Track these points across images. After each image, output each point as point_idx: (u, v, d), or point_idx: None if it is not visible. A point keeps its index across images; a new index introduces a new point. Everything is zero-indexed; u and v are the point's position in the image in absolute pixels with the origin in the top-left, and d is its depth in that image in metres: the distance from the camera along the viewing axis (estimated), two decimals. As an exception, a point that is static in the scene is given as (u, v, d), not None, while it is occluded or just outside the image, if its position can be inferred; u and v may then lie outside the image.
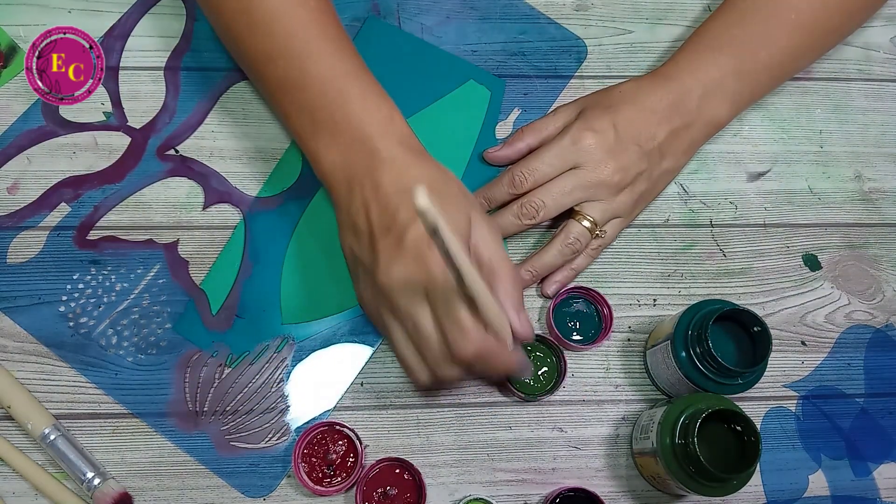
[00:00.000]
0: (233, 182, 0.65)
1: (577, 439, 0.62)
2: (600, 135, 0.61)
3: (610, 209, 0.62)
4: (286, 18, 0.57)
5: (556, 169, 0.62)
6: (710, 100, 0.63)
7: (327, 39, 0.58)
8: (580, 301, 0.64)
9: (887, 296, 0.67)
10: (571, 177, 0.61)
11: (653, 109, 0.62)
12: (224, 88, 0.67)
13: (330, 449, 0.59)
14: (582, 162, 0.61)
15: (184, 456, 0.59)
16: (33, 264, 0.62)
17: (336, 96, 0.56)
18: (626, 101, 0.63)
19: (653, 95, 0.63)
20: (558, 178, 0.62)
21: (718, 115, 0.64)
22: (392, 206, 0.53)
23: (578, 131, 0.62)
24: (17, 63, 0.66)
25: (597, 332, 0.64)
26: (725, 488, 0.56)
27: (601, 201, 0.62)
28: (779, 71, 0.66)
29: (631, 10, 0.73)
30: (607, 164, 0.61)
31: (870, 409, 0.65)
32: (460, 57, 0.70)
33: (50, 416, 0.58)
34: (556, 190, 0.61)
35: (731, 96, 0.64)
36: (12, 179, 0.63)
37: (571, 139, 0.62)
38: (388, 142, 0.55)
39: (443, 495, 0.60)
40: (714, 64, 0.63)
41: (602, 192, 0.62)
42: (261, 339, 0.61)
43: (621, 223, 0.64)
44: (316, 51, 0.57)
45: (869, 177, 0.71)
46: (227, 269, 0.63)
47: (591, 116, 0.62)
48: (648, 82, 0.64)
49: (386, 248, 0.53)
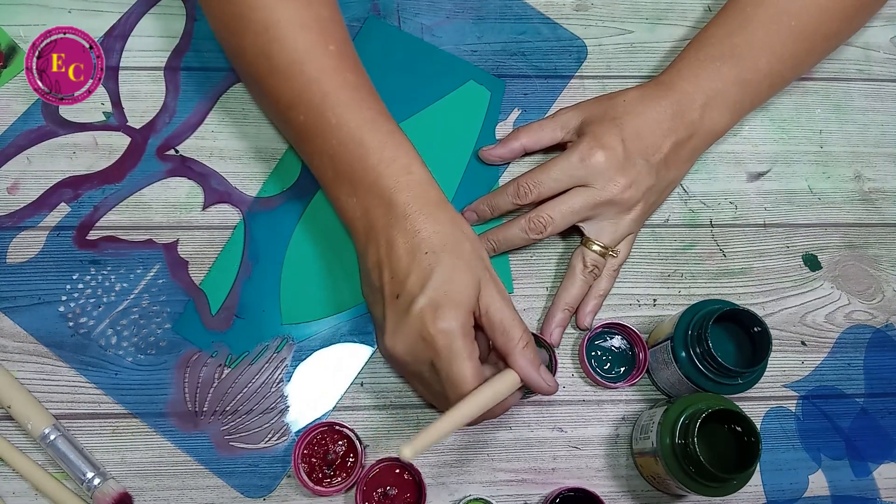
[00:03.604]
0: (233, 182, 0.65)
1: (577, 439, 0.62)
2: (609, 151, 0.61)
3: (619, 231, 0.62)
4: (305, 65, 0.56)
5: (562, 184, 0.61)
6: (712, 109, 0.63)
7: (347, 87, 0.57)
8: (616, 336, 0.64)
9: (887, 296, 0.67)
10: (581, 195, 0.61)
11: (658, 121, 0.62)
12: (224, 88, 0.67)
13: (330, 449, 0.59)
14: (591, 180, 0.61)
15: (183, 456, 0.59)
16: (33, 264, 0.62)
17: (355, 147, 0.56)
18: (631, 112, 0.62)
19: (657, 106, 0.62)
20: (568, 194, 0.62)
21: (719, 124, 0.64)
22: (402, 271, 0.54)
23: (588, 148, 0.61)
24: (17, 63, 0.66)
25: (629, 369, 0.63)
26: (725, 488, 0.56)
27: (610, 222, 0.62)
28: (779, 79, 0.66)
29: (631, 10, 0.73)
30: (617, 181, 0.61)
31: (870, 409, 0.65)
32: (460, 57, 0.70)
33: (50, 416, 0.58)
34: (566, 207, 0.61)
35: (731, 105, 0.64)
36: (12, 179, 0.63)
37: (580, 156, 0.61)
38: (404, 195, 0.55)
39: (443, 495, 0.60)
40: (716, 73, 0.63)
41: (611, 211, 0.62)
42: (260, 340, 0.61)
43: (632, 238, 0.64)
44: (335, 100, 0.56)
45: (869, 177, 0.71)
46: (226, 269, 0.63)
47: (600, 132, 0.62)
48: (652, 91, 0.63)
49: (393, 315, 0.54)
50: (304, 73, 0.56)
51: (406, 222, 0.54)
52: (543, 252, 0.66)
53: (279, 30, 0.56)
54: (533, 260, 0.65)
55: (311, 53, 0.57)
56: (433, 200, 0.56)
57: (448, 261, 0.53)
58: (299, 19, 0.57)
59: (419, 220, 0.54)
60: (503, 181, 0.67)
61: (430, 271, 0.53)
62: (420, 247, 0.54)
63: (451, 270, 0.53)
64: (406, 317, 0.53)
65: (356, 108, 0.57)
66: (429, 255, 0.53)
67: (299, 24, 0.57)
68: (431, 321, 0.52)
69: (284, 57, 0.57)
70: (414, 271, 0.53)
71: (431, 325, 0.52)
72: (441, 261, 0.53)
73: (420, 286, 0.53)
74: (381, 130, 0.57)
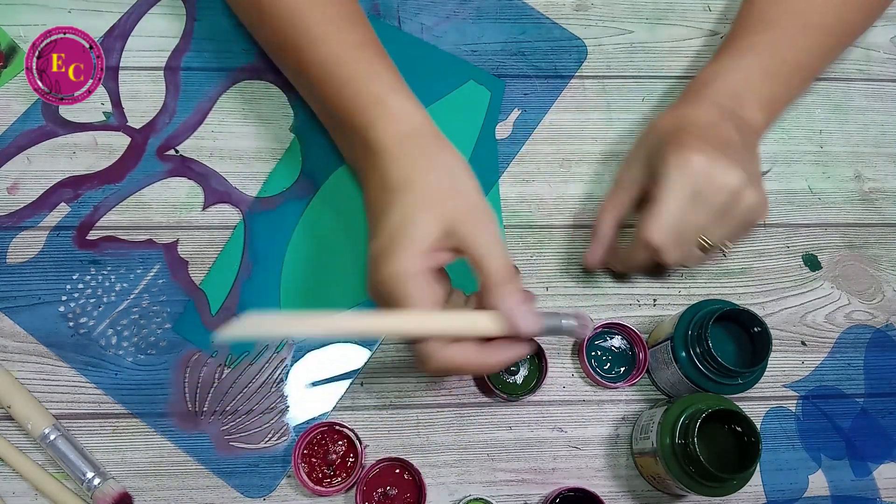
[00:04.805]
0: (233, 182, 0.65)
1: (577, 439, 0.62)
2: (701, 153, 0.55)
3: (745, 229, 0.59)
4: (289, 6, 0.57)
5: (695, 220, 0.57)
6: (745, 107, 0.60)
7: (328, 22, 0.57)
8: (616, 336, 0.64)
9: (887, 296, 0.67)
10: (738, 229, 0.58)
11: (708, 117, 0.59)
12: (224, 88, 0.67)
13: (330, 449, 0.59)
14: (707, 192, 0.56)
15: (183, 456, 0.59)
16: (33, 264, 0.62)
17: (335, 82, 0.55)
18: (680, 123, 0.59)
19: (698, 110, 0.59)
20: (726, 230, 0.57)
21: (756, 120, 0.61)
22: (372, 212, 0.53)
23: (682, 174, 0.55)
24: (17, 63, 0.66)
25: (629, 369, 0.63)
26: (725, 488, 0.56)
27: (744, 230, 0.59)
28: (809, 72, 0.65)
29: (631, 10, 0.73)
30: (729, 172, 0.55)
31: (870, 409, 0.65)
32: (460, 57, 0.70)
33: (50, 416, 0.58)
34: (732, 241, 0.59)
35: (764, 101, 0.61)
36: (12, 179, 0.63)
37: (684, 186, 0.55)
38: (378, 131, 0.53)
39: (443, 495, 0.60)
40: (741, 72, 0.61)
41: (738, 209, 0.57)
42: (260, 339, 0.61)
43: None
44: (316, 35, 0.56)
45: (869, 177, 0.71)
46: (226, 269, 0.63)
47: (676, 152, 0.56)
48: (684, 103, 0.61)
49: (371, 254, 0.52)
50: (288, 14, 0.57)
51: (377, 158, 0.53)
52: (543, 252, 0.66)
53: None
54: (533, 260, 0.65)
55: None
56: (405, 132, 0.53)
57: (408, 198, 0.50)
58: None
59: (387, 157, 0.52)
60: (503, 181, 0.67)
61: (386, 211, 0.51)
62: (385, 186, 0.52)
63: (410, 207, 0.50)
64: (368, 262, 0.51)
65: (335, 42, 0.56)
66: (389, 194, 0.51)
67: None
68: (380, 266, 0.49)
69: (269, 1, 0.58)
70: (376, 212, 0.52)
71: (379, 271, 0.49)
72: (399, 199, 0.50)
73: (375, 228, 0.51)
74: (361, 61, 0.55)
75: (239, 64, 0.68)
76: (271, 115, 0.67)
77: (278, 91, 0.67)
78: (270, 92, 0.67)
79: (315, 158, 0.66)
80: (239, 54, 0.68)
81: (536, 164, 0.68)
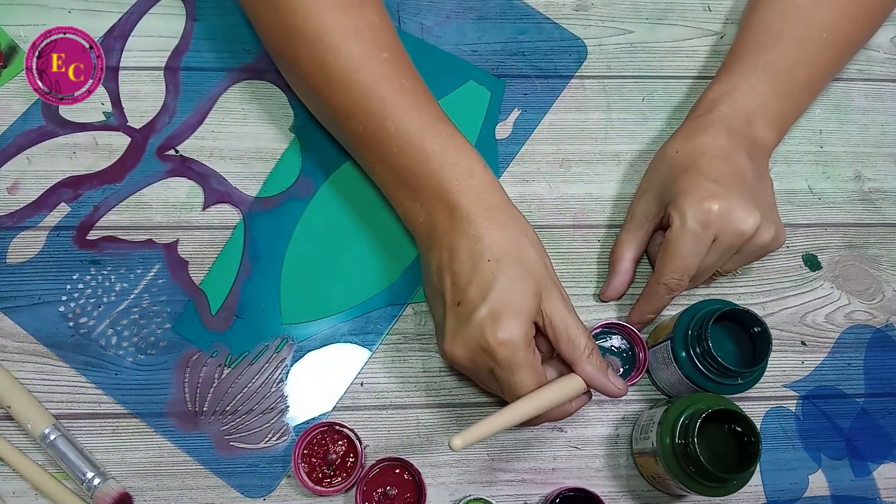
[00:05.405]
0: (233, 182, 0.65)
1: (577, 439, 0.62)
2: (716, 198, 0.57)
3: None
4: (361, 73, 0.56)
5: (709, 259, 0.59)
6: (755, 126, 0.61)
7: (404, 93, 0.57)
8: (615, 336, 0.64)
9: (887, 296, 0.67)
10: (753, 258, 0.61)
11: (718, 146, 0.59)
12: (224, 88, 0.67)
13: (330, 449, 0.59)
14: (726, 233, 0.58)
15: (183, 456, 0.59)
16: (33, 264, 0.62)
17: (415, 153, 0.56)
18: (691, 154, 0.59)
19: (706, 137, 0.60)
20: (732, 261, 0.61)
21: (766, 139, 0.62)
22: (464, 278, 0.54)
23: (698, 212, 0.57)
24: (17, 63, 0.66)
25: (629, 369, 0.63)
26: (725, 488, 0.56)
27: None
28: (818, 87, 0.66)
29: (631, 10, 0.73)
30: (745, 219, 0.57)
31: (870, 409, 0.65)
32: (460, 57, 0.70)
33: (50, 416, 0.58)
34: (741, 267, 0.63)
35: (775, 120, 0.62)
36: (12, 179, 0.63)
37: (698, 224, 0.57)
38: (466, 199, 0.55)
39: (443, 495, 0.60)
40: (751, 91, 0.61)
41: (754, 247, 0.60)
42: (260, 340, 0.61)
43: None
44: (393, 108, 0.56)
45: (869, 177, 0.71)
46: (226, 269, 0.63)
47: (689, 190, 0.58)
48: (693, 128, 0.61)
49: (454, 321, 0.54)
50: (361, 81, 0.56)
51: (469, 227, 0.54)
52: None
53: (332, 38, 0.56)
54: (533, 260, 0.65)
55: (366, 61, 0.56)
56: (497, 204, 0.55)
57: (510, 269, 0.53)
58: (352, 27, 0.57)
59: (482, 226, 0.54)
60: (503, 181, 0.67)
61: (491, 280, 0.52)
62: (482, 253, 0.53)
63: (514, 279, 0.53)
64: (467, 325, 0.53)
65: (415, 113, 0.56)
66: (491, 263, 0.53)
67: (353, 32, 0.57)
68: (492, 332, 0.52)
69: (339, 66, 0.56)
70: (475, 279, 0.53)
71: (492, 336, 0.52)
72: (503, 269, 0.53)
73: (481, 295, 0.52)
74: (441, 134, 0.56)
75: (239, 64, 0.68)
76: (271, 115, 0.67)
77: (278, 91, 0.67)
78: (270, 92, 0.67)
79: (315, 158, 0.66)
80: (239, 54, 0.68)
81: (536, 164, 0.68)
